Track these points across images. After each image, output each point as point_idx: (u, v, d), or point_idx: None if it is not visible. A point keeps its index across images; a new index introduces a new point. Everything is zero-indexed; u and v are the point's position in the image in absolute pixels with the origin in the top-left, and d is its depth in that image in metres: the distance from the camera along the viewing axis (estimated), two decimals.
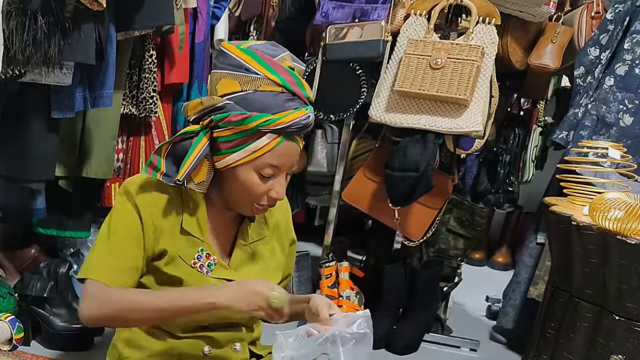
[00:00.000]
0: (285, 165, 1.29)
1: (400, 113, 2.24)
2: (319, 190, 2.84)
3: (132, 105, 2.35)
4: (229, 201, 1.34)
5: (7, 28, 1.73)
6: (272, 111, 1.24)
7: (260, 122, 1.23)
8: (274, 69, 1.25)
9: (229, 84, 1.26)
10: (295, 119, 1.25)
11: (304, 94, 1.27)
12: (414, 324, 2.56)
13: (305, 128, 1.28)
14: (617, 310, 1.52)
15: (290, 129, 1.25)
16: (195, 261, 1.34)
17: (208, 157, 1.29)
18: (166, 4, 2.14)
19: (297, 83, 1.27)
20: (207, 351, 1.38)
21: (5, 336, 2.01)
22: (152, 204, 1.31)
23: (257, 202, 1.31)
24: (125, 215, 1.30)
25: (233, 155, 1.27)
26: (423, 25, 2.26)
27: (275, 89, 1.25)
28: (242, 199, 1.31)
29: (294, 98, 1.26)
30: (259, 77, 1.24)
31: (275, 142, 1.25)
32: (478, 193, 2.94)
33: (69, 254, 2.52)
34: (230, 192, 1.32)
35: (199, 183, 1.29)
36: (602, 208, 1.48)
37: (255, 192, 1.29)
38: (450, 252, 2.70)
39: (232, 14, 2.88)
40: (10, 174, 2.04)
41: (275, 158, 1.26)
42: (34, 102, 1.98)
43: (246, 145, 1.25)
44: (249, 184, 1.28)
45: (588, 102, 2.32)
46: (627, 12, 2.30)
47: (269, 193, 1.30)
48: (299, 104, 1.27)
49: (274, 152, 1.26)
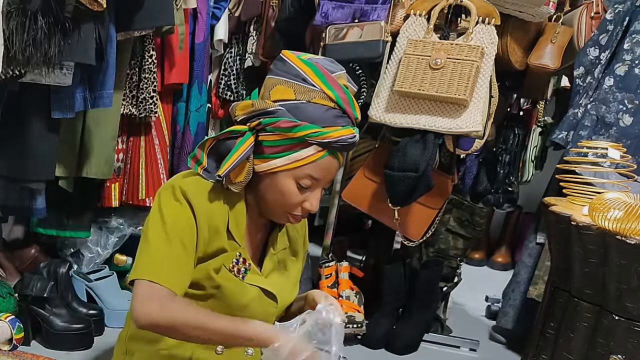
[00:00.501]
0: (323, 180, 1.31)
1: (400, 113, 2.24)
2: None
3: (132, 105, 2.35)
4: (263, 207, 1.35)
5: (7, 28, 1.74)
6: (322, 124, 1.26)
7: (308, 132, 1.24)
8: (330, 84, 1.28)
9: (284, 91, 1.28)
10: (343, 136, 1.27)
11: (353, 114, 1.30)
12: (413, 324, 2.56)
13: (349, 147, 1.31)
14: (616, 310, 1.52)
15: (335, 145, 1.27)
16: (233, 265, 1.34)
17: (250, 159, 1.29)
18: (166, 5, 2.14)
19: (350, 102, 1.29)
20: (220, 351, 1.38)
21: (5, 336, 2.01)
22: (205, 204, 1.30)
23: (290, 212, 1.32)
24: (180, 215, 1.28)
25: (276, 160, 1.28)
26: (423, 26, 2.27)
27: (328, 104, 1.27)
28: (277, 206, 1.32)
29: (343, 116, 1.29)
30: (315, 90, 1.27)
31: (320, 155, 1.27)
32: (478, 193, 2.94)
33: (69, 254, 2.52)
34: (266, 198, 1.32)
35: (236, 183, 1.30)
36: (602, 208, 1.48)
37: (291, 201, 1.30)
38: (449, 252, 2.70)
39: (232, 14, 2.88)
40: (10, 174, 2.04)
41: (317, 171, 1.28)
42: (34, 102, 1.98)
43: (290, 153, 1.27)
44: (286, 191, 1.29)
45: (588, 102, 2.32)
46: (627, 12, 2.30)
47: (303, 204, 1.31)
48: (347, 122, 1.29)
49: (316, 164, 1.28)
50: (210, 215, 1.30)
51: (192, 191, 1.29)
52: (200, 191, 1.30)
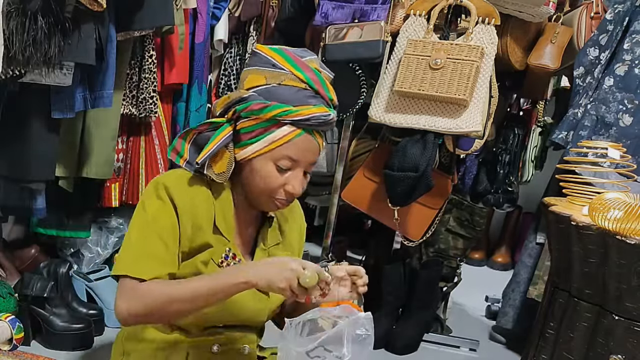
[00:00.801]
0: (303, 160, 1.31)
1: (400, 113, 2.24)
2: (318, 190, 2.85)
3: (132, 105, 2.35)
4: (249, 196, 1.36)
5: (7, 28, 1.73)
6: (293, 104, 1.27)
7: (279, 111, 1.26)
8: (299, 67, 1.30)
9: (256, 78, 1.31)
10: (314, 113, 1.28)
11: (327, 95, 1.31)
12: (413, 324, 2.56)
13: (325, 125, 1.30)
14: (616, 310, 1.52)
15: (309, 123, 1.28)
16: (222, 260, 1.35)
17: (230, 148, 1.31)
18: (166, 5, 2.14)
19: (322, 83, 1.31)
20: (216, 350, 1.38)
21: (5, 336, 2.01)
22: (188, 200, 1.31)
23: (274, 196, 1.32)
24: (161, 211, 1.30)
25: (254, 145, 1.29)
26: (422, 26, 2.27)
27: (299, 85, 1.29)
28: (261, 192, 1.32)
29: (316, 96, 1.30)
30: (284, 72, 1.29)
31: (294, 134, 1.28)
32: (477, 193, 2.94)
33: (69, 254, 2.52)
34: (250, 186, 1.33)
35: (219, 173, 1.32)
36: (602, 208, 1.48)
37: (272, 185, 1.30)
38: (449, 252, 2.70)
39: (232, 14, 2.88)
40: (10, 174, 2.04)
41: (293, 150, 1.29)
42: (34, 102, 1.98)
43: (266, 135, 1.28)
44: (266, 175, 1.30)
45: (587, 102, 2.32)
46: (627, 12, 2.30)
47: (285, 187, 1.31)
48: (321, 102, 1.30)
49: (292, 144, 1.28)
50: (194, 211, 1.31)
51: (175, 187, 1.31)
52: (184, 187, 1.32)
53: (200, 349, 1.38)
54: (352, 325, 1.20)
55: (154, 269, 1.27)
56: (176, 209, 1.30)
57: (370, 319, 1.22)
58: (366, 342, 1.20)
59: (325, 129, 1.32)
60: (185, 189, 1.32)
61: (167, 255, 1.29)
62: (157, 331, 1.38)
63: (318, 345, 1.19)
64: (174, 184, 1.31)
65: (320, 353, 1.20)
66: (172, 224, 1.29)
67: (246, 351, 1.42)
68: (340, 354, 1.18)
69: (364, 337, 1.20)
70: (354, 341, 1.19)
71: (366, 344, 1.20)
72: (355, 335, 1.19)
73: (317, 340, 1.19)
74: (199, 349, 1.38)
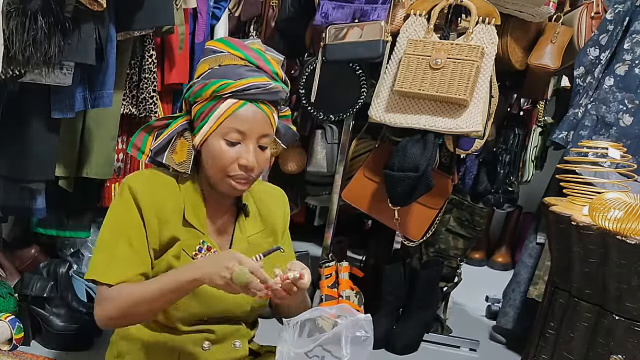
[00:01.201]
0: (250, 131, 1.31)
1: (400, 113, 2.24)
2: (318, 190, 2.85)
3: (132, 105, 2.34)
4: (211, 182, 1.37)
5: (7, 28, 1.73)
6: (232, 78, 1.30)
7: (217, 86, 1.29)
8: (237, 47, 1.33)
9: (201, 67, 1.36)
10: (253, 82, 1.29)
11: (270, 69, 1.33)
12: (413, 324, 2.56)
13: (267, 94, 1.31)
14: (616, 310, 1.52)
15: (249, 92, 1.29)
16: (196, 253, 1.36)
17: (187, 137, 1.35)
18: (166, 4, 2.14)
19: (262, 59, 1.33)
20: (207, 347, 1.40)
21: (5, 336, 2.01)
22: (152, 197, 1.33)
23: (229, 173, 1.32)
24: (126, 212, 1.33)
25: (204, 127, 1.32)
26: (423, 26, 2.27)
27: (238, 62, 1.32)
28: (216, 172, 1.33)
29: (257, 70, 1.32)
30: (223, 54, 1.33)
31: (237, 105, 1.30)
32: (478, 193, 2.94)
33: (69, 254, 2.52)
34: (208, 169, 1.35)
35: (179, 163, 1.35)
36: (602, 208, 1.48)
37: (225, 161, 1.31)
38: (450, 252, 2.70)
39: (232, 14, 2.88)
40: (10, 174, 2.04)
41: (239, 122, 1.30)
42: (34, 102, 1.98)
43: (212, 114, 1.31)
44: (218, 151, 1.31)
45: (588, 102, 2.32)
46: (627, 12, 2.30)
47: (238, 161, 1.31)
48: (264, 75, 1.32)
49: (237, 116, 1.30)
50: (159, 206, 1.33)
51: (138, 186, 1.34)
52: (148, 184, 1.35)
53: (191, 347, 1.39)
54: (352, 327, 1.20)
55: (122, 273, 1.31)
56: (139, 208, 1.32)
57: (370, 320, 1.22)
58: (365, 344, 1.20)
59: (269, 98, 1.32)
60: (148, 185, 1.35)
61: (135, 256, 1.32)
62: (149, 332, 1.40)
63: (317, 346, 1.19)
64: (136, 183, 1.35)
65: (319, 353, 1.20)
66: (136, 224, 1.32)
67: (237, 346, 1.43)
68: (340, 355, 1.18)
69: (363, 339, 1.20)
70: (353, 343, 1.19)
71: (365, 346, 1.20)
72: (355, 337, 1.19)
73: (316, 341, 1.19)
74: (189, 347, 1.39)
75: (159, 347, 1.39)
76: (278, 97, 1.34)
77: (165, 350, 1.38)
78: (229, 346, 1.43)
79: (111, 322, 1.34)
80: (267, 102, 1.32)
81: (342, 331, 1.19)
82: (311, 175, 2.78)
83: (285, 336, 1.21)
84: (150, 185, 1.35)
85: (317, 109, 2.45)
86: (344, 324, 1.19)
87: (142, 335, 1.40)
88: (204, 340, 1.39)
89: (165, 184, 1.37)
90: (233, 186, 1.33)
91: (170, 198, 1.35)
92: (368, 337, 1.21)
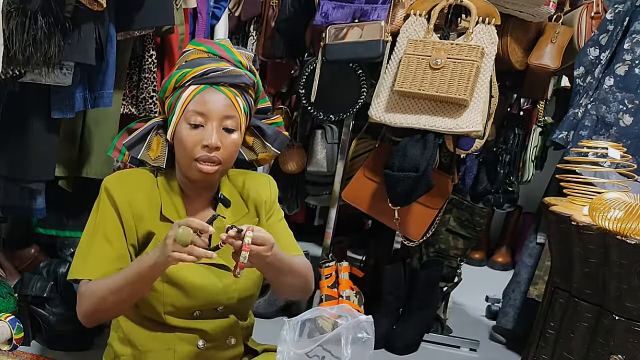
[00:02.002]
0: (210, 113, 1.34)
1: (400, 113, 2.24)
2: (319, 190, 2.85)
3: (132, 105, 2.34)
4: (182, 172, 1.39)
5: (7, 28, 1.73)
6: (191, 67, 1.35)
7: (177, 76, 1.36)
8: (203, 43, 1.41)
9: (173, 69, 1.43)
10: (211, 67, 1.34)
11: (232, 57, 1.37)
12: (413, 324, 2.56)
13: (226, 77, 1.35)
14: (617, 310, 1.52)
15: (207, 76, 1.34)
16: None
17: (161, 133, 1.41)
18: (166, 4, 2.13)
19: (225, 49, 1.38)
20: (202, 345, 1.41)
21: (5, 336, 2.01)
22: (126, 195, 1.37)
23: (194, 156, 1.33)
24: (102, 212, 1.37)
25: (173, 118, 1.37)
26: (423, 26, 2.26)
27: (202, 55, 1.38)
28: (183, 157, 1.36)
29: (220, 59, 1.37)
30: (189, 51, 1.41)
31: (197, 89, 1.34)
32: (478, 193, 2.94)
33: (69, 254, 2.51)
34: (179, 159, 1.39)
35: (155, 158, 1.40)
36: (602, 208, 1.48)
37: (189, 143, 1.33)
38: (450, 252, 2.70)
39: (232, 14, 2.88)
40: (10, 174, 2.04)
41: (198, 104, 1.34)
42: (34, 102, 1.98)
43: (177, 104, 1.35)
44: (183, 137, 1.34)
45: (588, 102, 2.32)
46: (627, 12, 2.30)
47: (202, 142, 1.33)
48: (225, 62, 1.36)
49: (197, 99, 1.34)
50: (134, 203, 1.37)
51: (114, 185, 1.38)
52: (124, 182, 1.39)
53: (186, 346, 1.40)
54: (353, 328, 1.20)
55: (99, 268, 1.34)
56: (116, 206, 1.36)
57: (371, 322, 1.23)
58: (366, 345, 1.21)
59: (229, 81, 1.35)
60: (124, 183, 1.39)
61: (113, 251, 1.35)
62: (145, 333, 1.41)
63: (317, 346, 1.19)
64: (113, 182, 1.39)
65: (320, 353, 1.20)
66: (113, 222, 1.36)
67: (232, 342, 1.44)
68: (340, 356, 1.18)
69: (364, 341, 1.21)
70: (354, 344, 1.19)
71: (366, 347, 1.21)
72: (356, 339, 1.20)
73: (317, 341, 1.19)
74: (184, 346, 1.40)
75: (154, 348, 1.40)
76: (240, 80, 1.36)
77: (161, 351, 1.40)
78: (223, 344, 1.44)
79: (88, 318, 1.38)
80: (229, 86, 1.35)
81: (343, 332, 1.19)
82: (311, 175, 2.78)
83: (285, 336, 1.21)
84: (125, 183, 1.39)
85: (317, 109, 2.45)
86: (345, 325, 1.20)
87: (137, 336, 1.42)
88: (198, 339, 1.41)
89: (142, 181, 1.41)
90: (199, 169, 1.34)
91: (145, 194, 1.39)
92: (369, 339, 1.21)
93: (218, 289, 1.39)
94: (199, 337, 1.41)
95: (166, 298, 1.37)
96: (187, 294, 1.37)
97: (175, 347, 1.40)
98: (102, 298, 1.32)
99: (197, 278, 1.37)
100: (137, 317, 1.43)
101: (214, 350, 1.42)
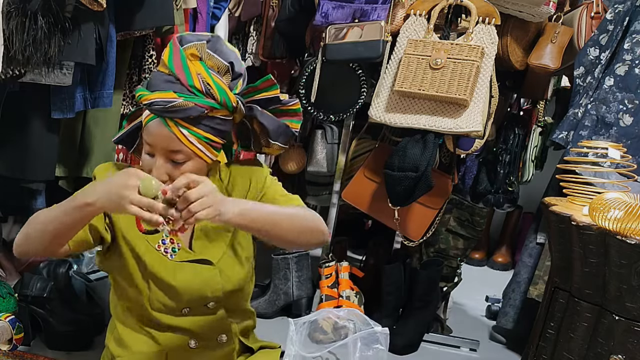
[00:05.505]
0: (155, 146, 1.28)
1: (400, 113, 2.24)
2: (318, 190, 2.85)
3: (132, 105, 2.35)
4: None
5: (7, 28, 1.74)
6: (151, 89, 1.27)
7: (137, 95, 1.29)
8: (170, 53, 1.28)
9: None
10: (157, 98, 1.24)
11: (187, 81, 1.25)
12: (413, 324, 2.56)
13: (167, 112, 1.24)
14: (616, 310, 1.52)
15: (151, 107, 1.26)
16: (159, 244, 1.37)
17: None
18: (166, 4, 2.14)
19: (184, 69, 1.25)
20: (193, 345, 1.42)
21: (5, 336, 2.01)
22: None
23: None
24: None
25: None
26: (423, 26, 2.27)
27: (164, 70, 1.28)
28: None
29: (175, 82, 1.26)
30: (162, 59, 1.30)
31: (148, 118, 1.29)
32: (478, 193, 2.94)
33: None
34: None
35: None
36: (602, 208, 1.48)
37: (144, 167, 1.31)
38: (450, 252, 2.70)
39: (232, 14, 2.88)
40: (10, 174, 2.04)
41: (147, 135, 1.30)
42: (34, 102, 1.98)
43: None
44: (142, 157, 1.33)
45: (588, 102, 2.32)
46: (627, 12, 2.30)
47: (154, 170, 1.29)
48: (177, 88, 1.25)
49: (147, 128, 1.29)
50: None
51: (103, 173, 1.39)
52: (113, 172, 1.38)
53: (178, 347, 1.41)
54: (367, 339, 1.19)
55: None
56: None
57: (387, 334, 1.20)
58: (379, 358, 1.20)
59: (171, 116, 1.24)
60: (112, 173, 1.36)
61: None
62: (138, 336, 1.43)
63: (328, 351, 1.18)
64: (102, 171, 1.40)
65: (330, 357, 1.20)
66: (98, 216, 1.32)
67: (223, 340, 1.45)
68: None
69: (377, 352, 1.19)
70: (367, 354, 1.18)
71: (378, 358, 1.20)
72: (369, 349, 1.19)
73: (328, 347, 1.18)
74: (177, 346, 1.41)
75: (146, 350, 1.42)
76: (185, 114, 1.24)
77: (153, 352, 1.41)
78: (214, 342, 1.44)
79: (17, 248, 1.34)
80: (177, 119, 1.25)
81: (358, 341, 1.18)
82: (311, 175, 2.78)
83: (293, 337, 1.20)
84: (113, 172, 1.37)
85: (317, 109, 2.45)
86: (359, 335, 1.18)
87: (131, 338, 1.43)
88: (188, 339, 1.42)
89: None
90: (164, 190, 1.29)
91: None
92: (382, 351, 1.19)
93: (198, 284, 1.38)
94: (190, 337, 1.41)
95: (153, 295, 1.37)
96: (170, 292, 1.37)
97: (168, 347, 1.41)
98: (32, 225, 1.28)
99: (175, 276, 1.36)
100: (129, 319, 1.44)
101: (205, 349, 1.43)
